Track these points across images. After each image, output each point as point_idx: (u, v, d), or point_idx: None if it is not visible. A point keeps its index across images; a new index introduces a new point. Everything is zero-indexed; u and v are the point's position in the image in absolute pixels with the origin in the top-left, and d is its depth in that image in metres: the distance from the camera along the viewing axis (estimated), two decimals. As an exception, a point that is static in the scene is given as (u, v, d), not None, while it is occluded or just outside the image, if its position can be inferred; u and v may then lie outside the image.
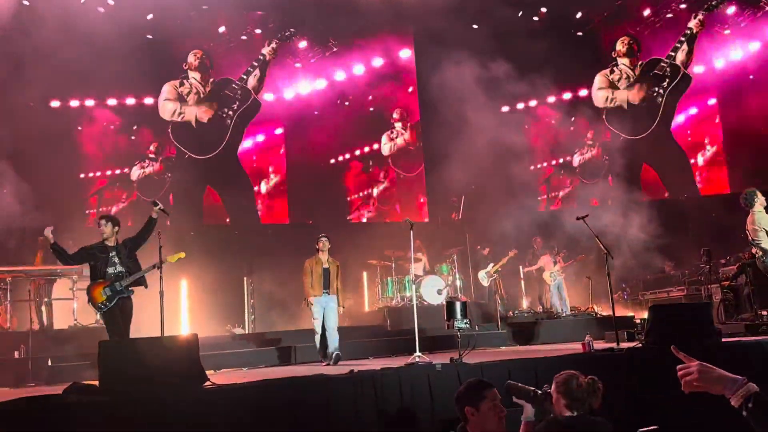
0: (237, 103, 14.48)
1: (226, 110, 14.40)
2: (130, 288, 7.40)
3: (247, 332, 11.68)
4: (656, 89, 15.89)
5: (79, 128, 13.17)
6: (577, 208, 12.78)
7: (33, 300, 9.76)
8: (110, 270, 7.33)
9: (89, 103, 13.36)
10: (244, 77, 14.58)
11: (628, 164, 15.13)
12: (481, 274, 12.53)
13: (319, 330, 8.87)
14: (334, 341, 8.74)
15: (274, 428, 5.47)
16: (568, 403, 3.73)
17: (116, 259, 7.38)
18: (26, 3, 11.87)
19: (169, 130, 14.00)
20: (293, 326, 11.35)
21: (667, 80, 15.84)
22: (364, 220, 15.08)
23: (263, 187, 14.68)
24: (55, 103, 12.91)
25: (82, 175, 13.19)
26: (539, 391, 3.87)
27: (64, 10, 11.22)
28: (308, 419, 5.65)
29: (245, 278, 12.85)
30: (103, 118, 13.52)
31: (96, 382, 5.62)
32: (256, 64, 14.63)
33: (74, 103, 13.17)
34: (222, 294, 12.67)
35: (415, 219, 8.92)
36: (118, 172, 13.65)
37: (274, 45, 14.66)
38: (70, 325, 9.84)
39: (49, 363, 8.17)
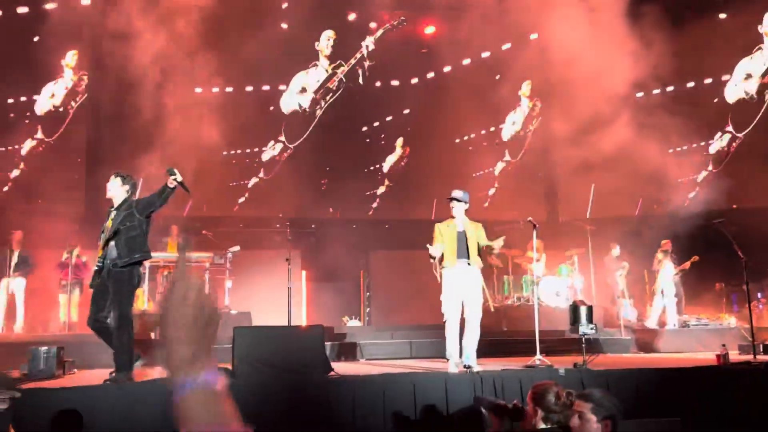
0: (331, 93, 14.75)
1: (322, 101, 14.70)
2: (112, 261, 5.69)
3: (363, 325, 11.91)
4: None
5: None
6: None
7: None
8: (102, 235, 5.89)
9: (228, 89, 13.99)
10: (348, 66, 14.78)
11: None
12: (620, 273, 11.89)
13: (454, 315, 6.48)
14: (470, 339, 6.52)
15: (393, 420, 5.58)
16: (545, 416, 3.58)
17: (108, 223, 5.89)
18: None
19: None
20: (409, 321, 11.44)
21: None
22: (486, 204, 14.85)
23: (385, 167, 14.93)
24: (198, 89, 13.70)
25: (224, 153, 13.81)
26: (509, 406, 3.73)
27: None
28: (427, 414, 5.71)
29: (362, 271, 13.13)
30: (241, 102, 14.04)
31: (229, 365, 5.95)
32: (364, 53, 14.81)
33: (215, 89, 13.90)
34: (339, 286, 13.00)
35: (533, 215, 8.56)
36: (248, 150, 14.27)
37: (379, 34, 14.75)
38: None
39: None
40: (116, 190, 5.99)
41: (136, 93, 11.32)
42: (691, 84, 14.95)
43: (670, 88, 14.59)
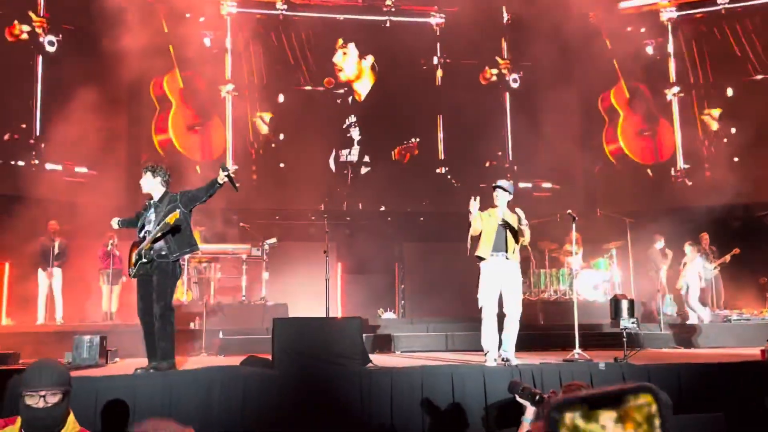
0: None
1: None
2: (157, 253, 5.69)
3: (398, 317, 11.92)
4: None
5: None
6: None
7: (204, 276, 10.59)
8: (146, 228, 5.84)
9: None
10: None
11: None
12: (663, 270, 11.65)
13: (491, 308, 6.27)
14: (509, 333, 6.35)
15: (431, 411, 5.58)
16: None
17: (153, 216, 5.83)
18: None
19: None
20: (444, 313, 11.41)
21: None
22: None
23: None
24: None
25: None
26: (545, 396, 3.64)
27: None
28: (465, 407, 5.69)
29: (396, 263, 13.14)
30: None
31: (269, 356, 6.00)
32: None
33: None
34: (373, 278, 13.03)
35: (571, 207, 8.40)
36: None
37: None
38: (239, 301, 10.56)
39: (221, 335, 8.79)
40: (150, 184, 5.91)
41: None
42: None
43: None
